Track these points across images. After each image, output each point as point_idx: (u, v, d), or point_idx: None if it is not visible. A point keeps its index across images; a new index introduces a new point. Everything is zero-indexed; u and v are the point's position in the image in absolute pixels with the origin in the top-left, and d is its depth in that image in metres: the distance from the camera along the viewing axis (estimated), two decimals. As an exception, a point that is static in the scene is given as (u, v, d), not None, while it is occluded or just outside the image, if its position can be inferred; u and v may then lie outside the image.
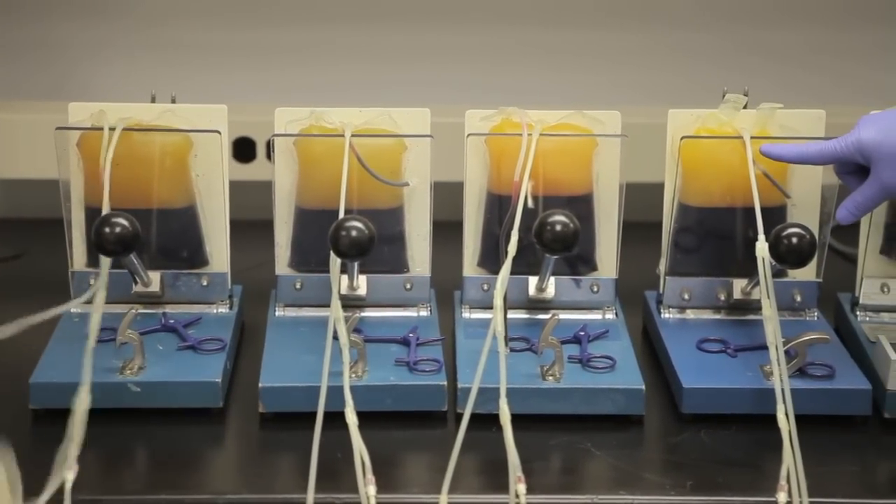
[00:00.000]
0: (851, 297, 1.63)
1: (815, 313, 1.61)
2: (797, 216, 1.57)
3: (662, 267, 1.61)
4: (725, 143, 1.56)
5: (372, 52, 2.07)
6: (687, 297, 1.61)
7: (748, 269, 1.54)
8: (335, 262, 1.39)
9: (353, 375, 1.43)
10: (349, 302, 1.57)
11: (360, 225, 1.37)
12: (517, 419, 1.28)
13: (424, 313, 1.60)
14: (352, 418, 1.29)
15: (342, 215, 1.41)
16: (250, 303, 1.67)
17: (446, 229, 1.61)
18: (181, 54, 2.06)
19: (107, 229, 1.39)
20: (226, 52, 2.06)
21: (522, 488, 1.26)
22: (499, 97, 1.67)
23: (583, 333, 1.54)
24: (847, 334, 1.60)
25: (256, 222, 1.65)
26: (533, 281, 1.59)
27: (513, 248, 1.39)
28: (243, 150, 1.99)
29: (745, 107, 1.57)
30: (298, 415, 1.39)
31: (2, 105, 2.02)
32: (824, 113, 1.58)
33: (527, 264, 1.55)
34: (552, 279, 1.58)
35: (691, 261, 1.61)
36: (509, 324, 1.49)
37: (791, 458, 1.28)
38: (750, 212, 1.48)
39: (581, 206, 1.57)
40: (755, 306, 1.58)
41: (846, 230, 1.55)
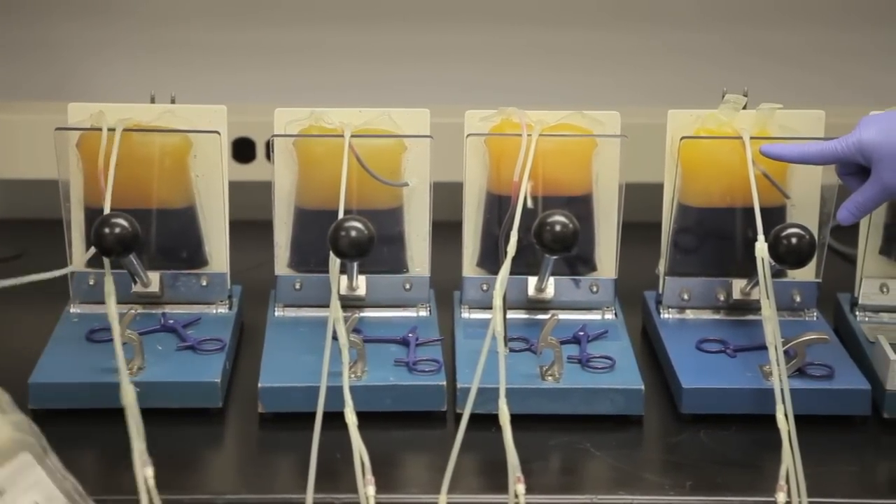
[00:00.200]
0: (851, 298, 1.63)
1: (815, 313, 1.61)
2: (797, 216, 1.57)
3: (662, 267, 1.61)
4: (725, 144, 1.56)
5: (371, 53, 2.07)
6: (686, 297, 1.61)
7: (747, 269, 1.54)
8: (334, 262, 1.39)
9: (353, 376, 1.43)
10: (348, 302, 1.57)
11: (359, 225, 1.37)
12: (516, 419, 1.28)
13: (424, 313, 1.60)
14: (351, 418, 1.29)
15: (342, 215, 1.41)
16: (250, 303, 1.67)
17: (446, 229, 1.61)
18: (181, 55, 2.06)
19: (106, 230, 1.39)
20: (225, 52, 2.06)
21: (522, 488, 1.25)
22: (498, 97, 1.66)
23: (582, 334, 1.54)
24: (846, 334, 1.59)
25: (256, 223, 1.65)
26: (532, 281, 1.59)
27: (512, 248, 1.39)
28: (243, 150, 1.99)
29: (744, 107, 1.57)
30: (298, 415, 1.39)
31: (1, 105, 2.02)
32: (824, 113, 1.58)
33: (526, 264, 1.55)
34: (551, 279, 1.58)
35: (691, 261, 1.61)
36: (509, 324, 1.49)
37: (790, 458, 1.28)
38: (749, 212, 1.48)
39: (580, 206, 1.57)
40: (754, 306, 1.58)
41: (845, 230, 1.55)
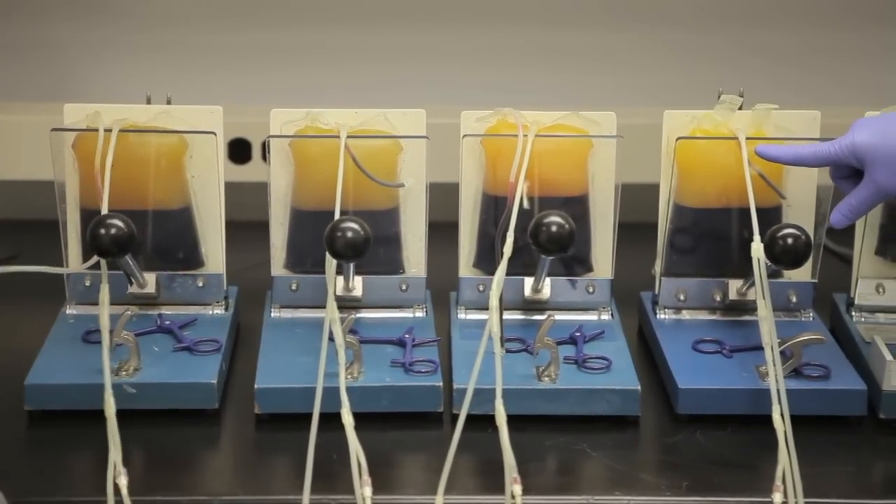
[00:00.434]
0: (847, 298, 1.63)
1: (811, 314, 1.61)
2: (792, 217, 1.57)
3: (658, 267, 1.61)
4: (721, 144, 1.56)
5: (367, 53, 2.07)
6: (682, 297, 1.61)
7: (744, 269, 1.54)
8: (331, 263, 1.39)
9: (349, 376, 1.43)
10: (345, 303, 1.57)
11: (355, 226, 1.37)
12: (513, 420, 1.28)
13: (420, 314, 1.60)
14: (348, 419, 1.29)
15: (338, 216, 1.41)
16: (246, 304, 1.66)
17: (442, 230, 1.61)
18: (177, 56, 2.06)
19: (102, 230, 1.38)
20: (222, 53, 2.06)
21: (518, 489, 1.26)
22: (494, 98, 1.66)
23: (578, 334, 1.54)
24: (842, 335, 1.59)
25: (252, 223, 1.65)
26: (529, 282, 1.58)
27: (508, 248, 1.39)
28: (239, 151, 1.99)
29: (740, 107, 1.57)
30: (294, 416, 1.39)
31: (-2, 106, 2.02)
32: (819, 114, 1.58)
33: (522, 265, 1.55)
34: (548, 280, 1.58)
35: (687, 261, 1.61)
36: (505, 325, 1.49)
37: (786, 458, 1.28)
38: (745, 212, 1.48)
39: (577, 206, 1.57)
40: (751, 307, 1.58)
41: (841, 231, 1.55)
